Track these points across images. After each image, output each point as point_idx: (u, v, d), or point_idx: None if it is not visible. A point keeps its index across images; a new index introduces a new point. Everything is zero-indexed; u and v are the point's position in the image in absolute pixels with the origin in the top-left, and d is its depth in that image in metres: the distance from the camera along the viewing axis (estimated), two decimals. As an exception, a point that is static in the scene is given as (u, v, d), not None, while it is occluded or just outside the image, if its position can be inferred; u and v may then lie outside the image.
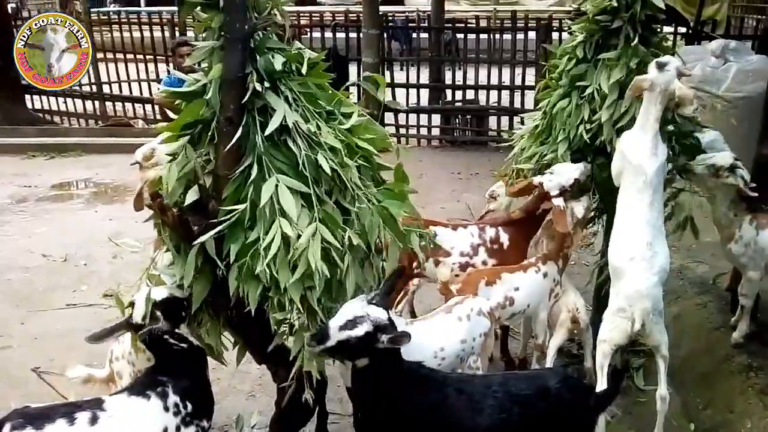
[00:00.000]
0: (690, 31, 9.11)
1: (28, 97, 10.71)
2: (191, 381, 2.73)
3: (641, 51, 3.43)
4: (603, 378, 3.03)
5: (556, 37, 8.84)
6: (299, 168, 2.48)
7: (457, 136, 9.88)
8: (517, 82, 9.29)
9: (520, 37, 9.31)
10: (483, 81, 9.48)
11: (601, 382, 3.02)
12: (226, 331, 2.95)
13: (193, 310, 2.69)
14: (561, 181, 3.53)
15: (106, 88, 10.66)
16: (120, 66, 10.72)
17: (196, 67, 2.72)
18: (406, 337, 2.41)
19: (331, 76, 2.71)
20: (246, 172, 2.48)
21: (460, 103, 9.85)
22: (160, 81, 8.17)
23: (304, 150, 2.49)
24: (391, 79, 9.56)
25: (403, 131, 9.74)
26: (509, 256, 3.80)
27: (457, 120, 9.92)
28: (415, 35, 11.67)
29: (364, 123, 2.72)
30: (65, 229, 6.65)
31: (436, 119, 9.86)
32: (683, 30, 9.33)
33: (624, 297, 3.02)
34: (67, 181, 8.42)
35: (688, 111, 3.03)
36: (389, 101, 3.00)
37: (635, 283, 2.98)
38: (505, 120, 9.43)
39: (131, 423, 2.52)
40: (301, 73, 2.60)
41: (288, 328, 2.53)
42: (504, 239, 3.84)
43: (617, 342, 3.07)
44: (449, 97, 10.02)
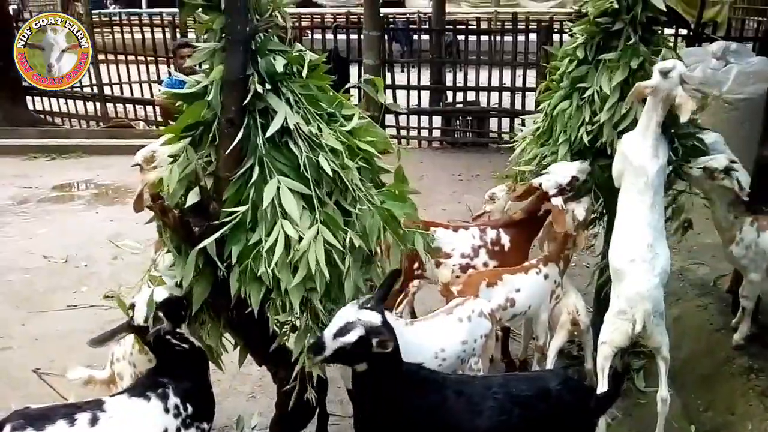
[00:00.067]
0: (691, 33, 9.10)
1: (29, 98, 10.72)
2: (192, 383, 2.72)
3: (642, 51, 3.43)
4: (604, 380, 3.03)
5: (556, 38, 8.87)
6: (300, 170, 2.48)
7: (458, 138, 9.89)
8: (518, 83, 9.31)
9: (521, 38, 9.31)
10: (484, 83, 9.50)
11: (602, 383, 3.02)
12: (226, 333, 2.95)
13: (193, 311, 2.69)
14: (558, 180, 3.53)
15: (107, 90, 10.67)
16: (121, 67, 10.73)
17: (197, 69, 2.73)
18: (390, 341, 2.38)
19: (333, 78, 2.71)
20: (247, 174, 2.48)
21: (460, 105, 9.85)
22: (161, 83, 8.16)
23: (306, 152, 2.49)
24: (392, 81, 9.57)
25: (403, 133, 9.75)
26: (510, 257, 3.81)
27: (457, 121, 9.93)
28: (415, 37, 11.68)
29: (364, 125, 2.73)
30: (66, 230, 6.65)
31: (437, 121, 9.86)
32: (684, 32, 9.33)
33: (625, 299, 3.02)
34: (68, 182, 8.42)
35: (686, 117, 3.03)
36: (390, 103, 3.01)
37: (636, 285, 2.98)
38: (505, 121, 9.44)
39: (131, 424, 2.51)
40: (303, 74, 2.60)
41: (289, 328, 2.53)
42: (505, 241, 3.85)
43: (618, 344, 3.07)
44: (450, 99, 10.01)
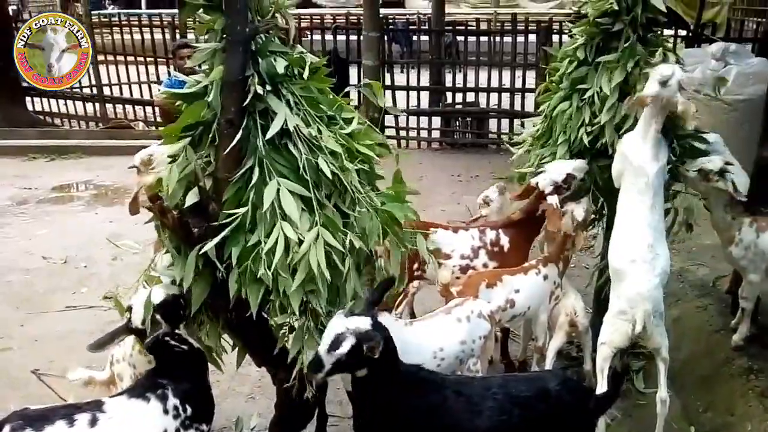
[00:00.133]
0: (690, 34, 9.11)
1: (28, 99, 10.71)
2: (192, 384, 2.72)
3: (639, 51, 3.43)
4: (603, 380, 3.03)
5: (556, 39, 8.86)
6: (300, 172, 2.48)
7: (457, 139, 9.88)
8: (518, 84, 9.30)
9: (521, 39, 9.31)
10: (483, 84, 9.50)
11: (602, 384, 3.02)
12: (225, 334, 2.95)
13: (192, 312, 2.69)
14: (553, 177, 3.54)
15: (107, 91, 10.66)
16: (120, 68, 10.73)
17: (197, 69, 2.73)
18: (377, 346, 2.34)
19: (333, 81, 2.71)
20: (247, 175, 2.48)
21: (460, 106, 9.84)
22: (160, 83, 8.17)
23: (305, 154, 2.48)
24: (391, 82, 9.57)
25: (403, 134, 9.75)
26: (510, 258, 3.81)
27: (457, 122, 9.93)
28: (415, 38, 11.67)
29: (364, 129, 2.72)
30: (65, 231, 6.65)
31: (437, 122, 9.86)
32: (683, 33, 9.33)
33: (625, 299, 3.02)
34: (68, 183, 8.42)
35: (691, 124, 3.05)
36: (389, 107, 3.01)
37: (636, 286, 2.98)
38: (505, 122, 9.45)
39: (130, 425, 2.51)
40: (303, 76, 2.60)
41: (287, 330, 2.53)
42: (504, 241, 3.85)
43: (618, 345, 3.07)
44: (449, 100, 10.01)
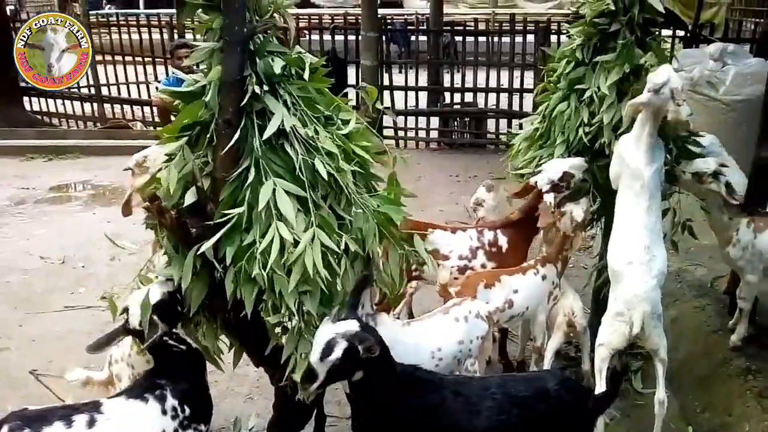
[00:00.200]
0: (688, 35, 9.11)
1: (26, 99, 10.69)
2: (190, 384, 2.72)
3: (636, 52, 3.43)
4: (601, 381, 3.03)
5: (554, 40, 8.85)
6: (296, 172, 2.48)
7: (456, 139, 9.88)
8: (516, 85, 9.30)
9: (519, 40, 9.31)
10: (481, 84, 9.48)
11: (600, 385, 3.02)
12: (223, 334, 2.94)
13: (191, 313, 2.68)
14: (549, 175, 3.54)
15: (105, 91, 10.63)
16: (118, 68, 10.71)
17: (195, 69, 2.73)
18: (375, 345, 2.35)
19: (331, 81, 2.71)
20: (243, 175, 2.48)
21: (458, 106, 9.84)
22: (158, 83, 8.16)
23: (302, 154, 2.49)
24: (389, 82, 9.57)
25: (401, 134, 9.74)
26: (508, 258, 3.80)
27: (455, 123, 9.93)
28: (413, 38, 11.67)
29: (361, 130, 2.72)
30: (63, 231, 6.64)
31: (435, 122, 9.85)
32: (681, 33, 9.34)
33: (623, 300, 3.02)
34: (66, 183, 8.40)
35: (684, 130, 3.06)
36: (385, 109, 3.02)
37: (634, 287, 2.99)
38: (503, 123, 9.45)
39: (129, 426, 2.51)
40: (302, 77, 2.60)
41: (281, 329, 2.53)
42: (502, 242, 3.84)
43: (616, 346, 3.07)
44: (448, 100, 10.01)
